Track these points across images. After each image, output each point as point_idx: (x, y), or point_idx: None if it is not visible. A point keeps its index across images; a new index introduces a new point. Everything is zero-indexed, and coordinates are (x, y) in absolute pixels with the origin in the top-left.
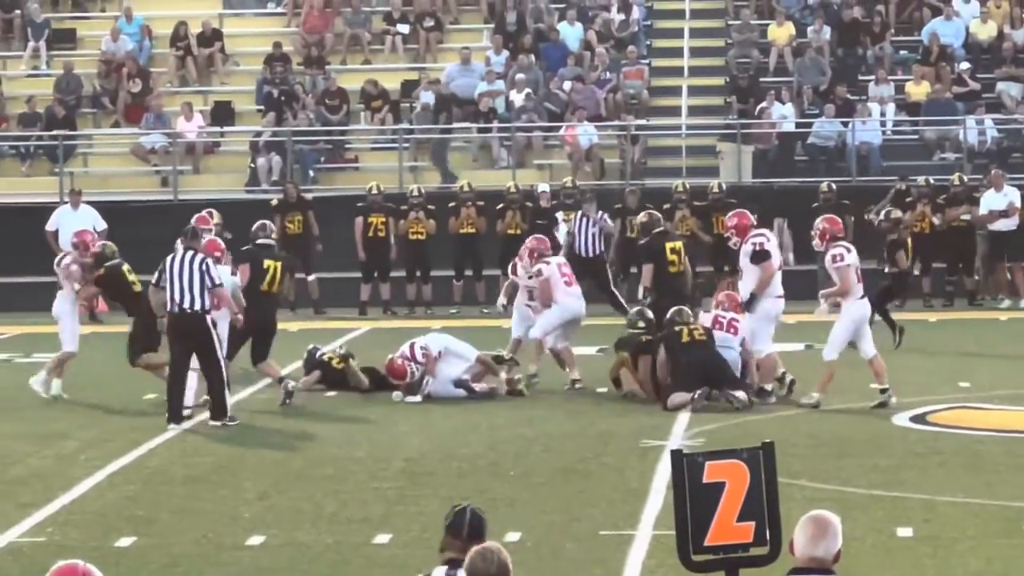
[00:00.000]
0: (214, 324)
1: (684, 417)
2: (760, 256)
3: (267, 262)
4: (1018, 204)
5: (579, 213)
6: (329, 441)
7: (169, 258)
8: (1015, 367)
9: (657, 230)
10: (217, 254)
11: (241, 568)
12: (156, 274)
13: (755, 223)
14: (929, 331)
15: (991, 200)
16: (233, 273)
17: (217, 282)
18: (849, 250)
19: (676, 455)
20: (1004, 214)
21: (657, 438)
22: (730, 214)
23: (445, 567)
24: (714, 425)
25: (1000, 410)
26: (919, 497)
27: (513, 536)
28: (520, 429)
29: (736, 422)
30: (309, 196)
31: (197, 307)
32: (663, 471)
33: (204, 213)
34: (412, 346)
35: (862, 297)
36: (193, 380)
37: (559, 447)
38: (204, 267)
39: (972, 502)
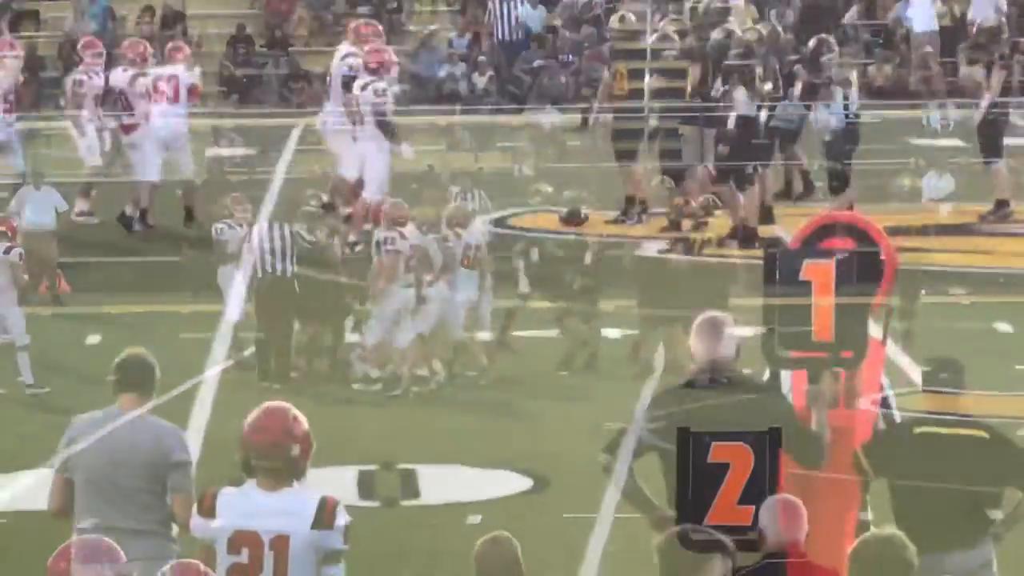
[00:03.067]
0: None
1: (645, 399)
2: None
3: None
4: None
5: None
6: None
7: (255, 231)
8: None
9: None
10: None
11: None
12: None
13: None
14: None
15: None
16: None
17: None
18: (404, 236)
19: (683, 432)
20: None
21: (619, 421)
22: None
23: None
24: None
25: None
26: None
27: (474, 519)
28: (480, 415)
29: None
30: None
31: (289, 273)
32: (624, 454)
33: None
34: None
35: (408, 286)
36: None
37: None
38: (291, 233)
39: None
